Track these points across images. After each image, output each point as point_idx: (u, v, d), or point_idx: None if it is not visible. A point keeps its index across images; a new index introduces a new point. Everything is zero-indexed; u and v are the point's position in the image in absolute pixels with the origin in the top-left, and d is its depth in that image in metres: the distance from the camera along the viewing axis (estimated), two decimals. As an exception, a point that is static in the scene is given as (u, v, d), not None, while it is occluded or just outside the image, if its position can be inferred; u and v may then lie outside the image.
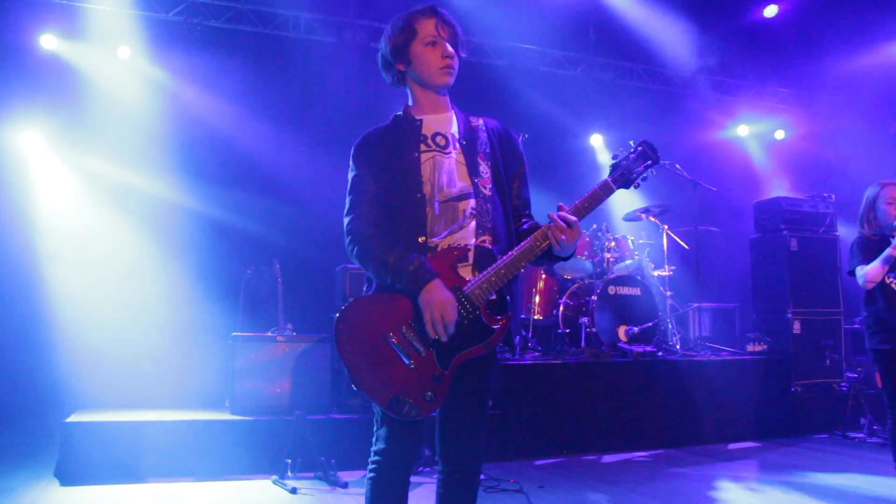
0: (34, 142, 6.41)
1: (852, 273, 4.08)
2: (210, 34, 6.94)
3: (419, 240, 2.21)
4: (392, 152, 2.29)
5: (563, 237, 2.15)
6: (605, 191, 2.26)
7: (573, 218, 2.17)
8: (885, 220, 4.01)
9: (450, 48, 2.30)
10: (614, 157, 2.31)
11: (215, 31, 7.00)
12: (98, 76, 6.55)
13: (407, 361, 2.12)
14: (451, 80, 2.33)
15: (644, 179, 2.30)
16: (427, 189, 2.25)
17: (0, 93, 6.24)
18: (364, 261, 2.22)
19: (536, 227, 2.30)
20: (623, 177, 2.28)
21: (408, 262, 2.13)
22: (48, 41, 6.42)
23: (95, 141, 6.42)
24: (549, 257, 2.23)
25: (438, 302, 2.09)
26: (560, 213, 2.18)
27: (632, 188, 2.31)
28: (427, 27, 2.30)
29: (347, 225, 2.26)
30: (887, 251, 3.89)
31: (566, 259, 2.24)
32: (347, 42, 7.24)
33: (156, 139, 6.48)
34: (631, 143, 2.31)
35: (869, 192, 4.16)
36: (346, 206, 2.29)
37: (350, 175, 2.32)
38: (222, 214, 6.63)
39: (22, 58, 6.32)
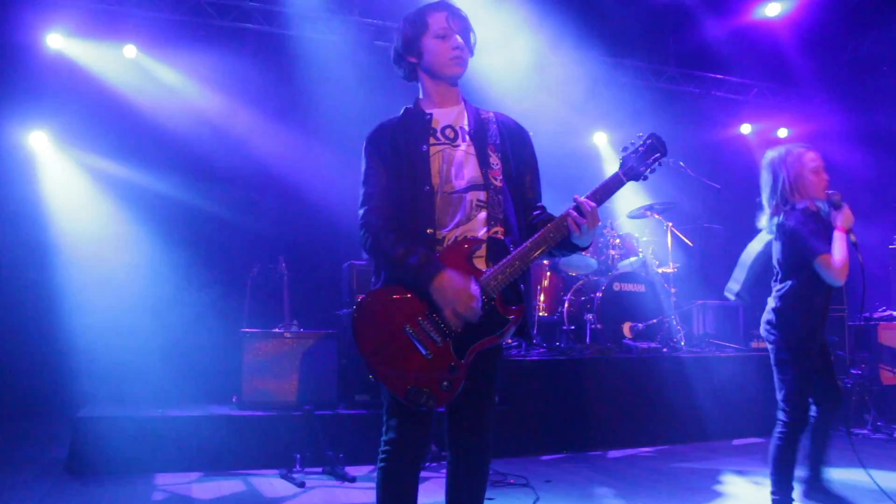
0: (40, 140, 6.44)
1: (813, 258, 3.41)
2: (215, 33, 6.96)
3: (427, 231, 2.24)
4: (402, 145, 2.32)
5: (584, 222, 2.17)
6: (617, 183, 2.29)
7: (593, 203, 2.19)
8: (815, 194, 3.40)
9: (460, 40, 2.34)
10: (624, 150, 2.34)
11: (221, 29, 7.03)
12: (104, 74, 6.58)
13: (424, 352, 2.15)
14: (461, 70, 2.36)
15: (653, 171, 2.33)
16: (436, 181, 2.27)
17: (7, 91, 6.27)
18: (375, 253, 2.25)
19: (550, 218, 2.32)
20: (633, 170, 2.31)
21: (414, 257, 2.15)
22: (54, 40, 6.45)
23: (101, 139, 6.45)
24: (567, 247, 2.25)
25: (456, 294, 2.10)
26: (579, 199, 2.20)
27: (640, 180, 2.34)
28: (438, 20, 2.34)
29: (361, 217, 2.29)
30: (841, 236, 3.32)
31: (585, 248, 2.26)
32: (352, 40, 7.26)
33: (161, 137, 6.52)
34: (640, 135, 2.34)
35: (780, 160, 3.51)
36: (360, 198, 2.32)
37: (362, 167, 2.35)
38: (228, 212, 6.67)
39: (28, 57, 6.35)
